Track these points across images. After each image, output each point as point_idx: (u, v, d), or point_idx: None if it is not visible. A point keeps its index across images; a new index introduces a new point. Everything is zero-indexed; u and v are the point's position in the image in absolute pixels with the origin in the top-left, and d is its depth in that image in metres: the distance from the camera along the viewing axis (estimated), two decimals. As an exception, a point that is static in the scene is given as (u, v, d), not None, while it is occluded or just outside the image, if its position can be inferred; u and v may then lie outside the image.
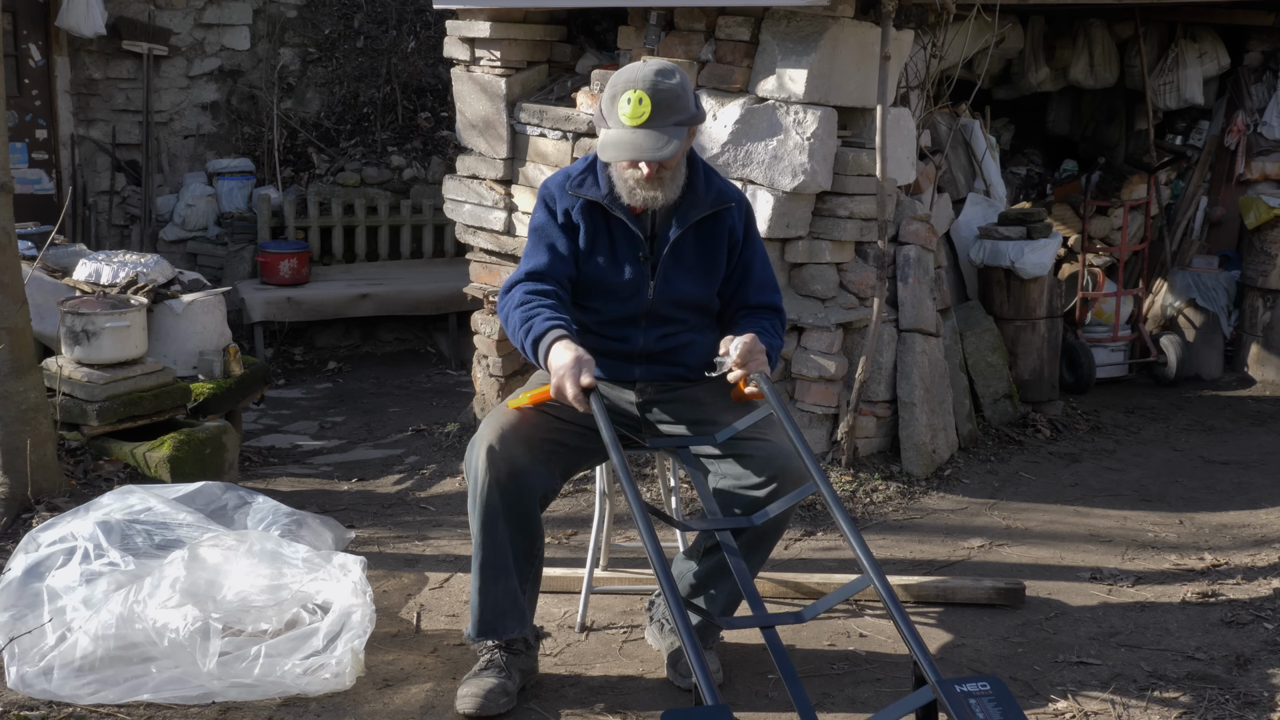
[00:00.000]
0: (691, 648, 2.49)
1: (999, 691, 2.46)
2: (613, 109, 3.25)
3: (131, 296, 5.35)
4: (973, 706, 2.42)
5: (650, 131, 3.21)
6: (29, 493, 4.46)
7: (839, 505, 2.86)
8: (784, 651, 2.68)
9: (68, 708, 3.24)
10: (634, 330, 3.41)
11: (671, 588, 2.61)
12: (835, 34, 4.93)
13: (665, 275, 3.38)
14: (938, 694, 2.48)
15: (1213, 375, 7.09)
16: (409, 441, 6.16)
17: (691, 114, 3.27)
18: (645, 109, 3.20)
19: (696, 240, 3.41)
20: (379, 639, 3.65)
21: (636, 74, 3.25)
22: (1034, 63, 7.60)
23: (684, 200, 3.37)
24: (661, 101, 3.21)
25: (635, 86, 3.22)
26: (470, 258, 6.04)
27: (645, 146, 3.20)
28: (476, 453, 3.24)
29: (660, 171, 3.26)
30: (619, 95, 3.24)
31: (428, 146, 9.25)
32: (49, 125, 8.35)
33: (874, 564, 2.73)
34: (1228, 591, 4.17)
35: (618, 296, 3.39)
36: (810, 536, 4.70)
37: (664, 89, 3.22)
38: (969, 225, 6.39)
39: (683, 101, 3.24)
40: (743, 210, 3.50)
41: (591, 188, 3.36)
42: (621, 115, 3.22)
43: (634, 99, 3.20)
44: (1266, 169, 7.24)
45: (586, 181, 3.38)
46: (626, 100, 3.21)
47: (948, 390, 5.55)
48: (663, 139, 3.21)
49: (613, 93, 3.26)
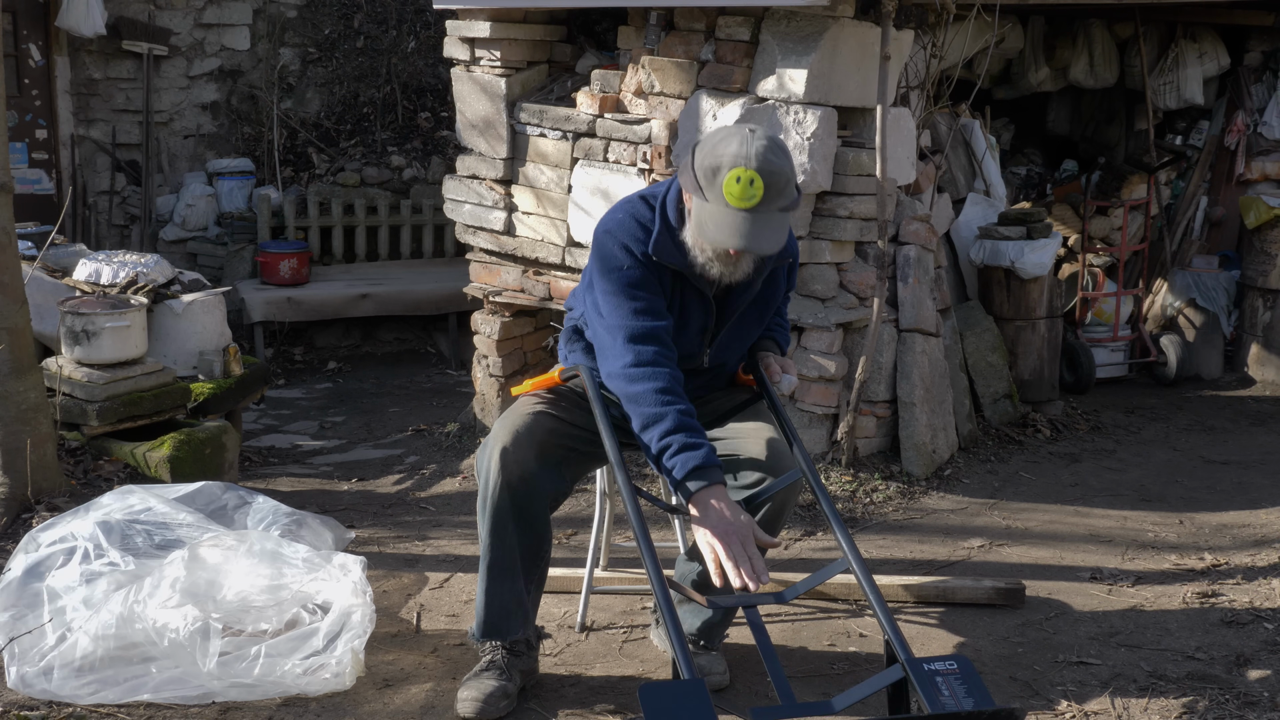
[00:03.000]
0: (672, 624, 2.60)
1: (965, 671, 2.60)
2: (713, 182, 2.94)
3: (131, 296, 5.35)
4: (939, 684, 2.53)
5: (758, 218, 2.93)
6: (29, 493, 4.46)
7: (821, 487, 2.97)
8: (763, 629, 2.82)
9: (68, 708, 3.24)
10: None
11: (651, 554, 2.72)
12: (835, 34, 4.93)
13: (721, 343, 3.32)
14: (907, 672, 2.61)
15: (1213, 375, 7.09)
16: (409, 441, 6.16)
17: (795, 198, 3.01)
18: (757, 192, 2.91)
19: (752, 302, 3.31)
20: (379, 639, 3.65)
21: (746, 149, 2.93)
22: (1034, 63, 7.60)
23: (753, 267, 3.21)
24: (773, 185, 2.93)
25: (747, 164, 2.91)
26: (470, 258, 6.04)
27: (754, 236, 2.94)
28: (489, 454, 3.21)
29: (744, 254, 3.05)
30: (724, 169, 2.93)
31: (428, 146, 9.25)
32: (49, 125, 8.35)
33: (850, 542, 2.86)
34: (1228, 591, 4.17)
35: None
36: (810, 537, 4.70)
37: (776, 171, 2.93)
38: (969, 225, 6.39)
39: (791, 185, 2.98)
40: (796, 261, 3.41)
41: (675, 255, 3.10)
42: (726, 194, 2.92)
43: (745, 178, 2.91)
44: (1266, 169, 7.24)
45: (666, 247, 3.11)
46: (736, 179, 2.91)
47: (948, 390, 5.55)
48: (772, 231, 2.96)
49: (714, 163, 2.95)
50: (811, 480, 3.06)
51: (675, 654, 2.59)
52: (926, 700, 2.52)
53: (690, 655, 2.59)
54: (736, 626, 3.60)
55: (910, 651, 2.63)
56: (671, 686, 2.54)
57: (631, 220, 3.14)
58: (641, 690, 2.47)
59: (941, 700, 2.51)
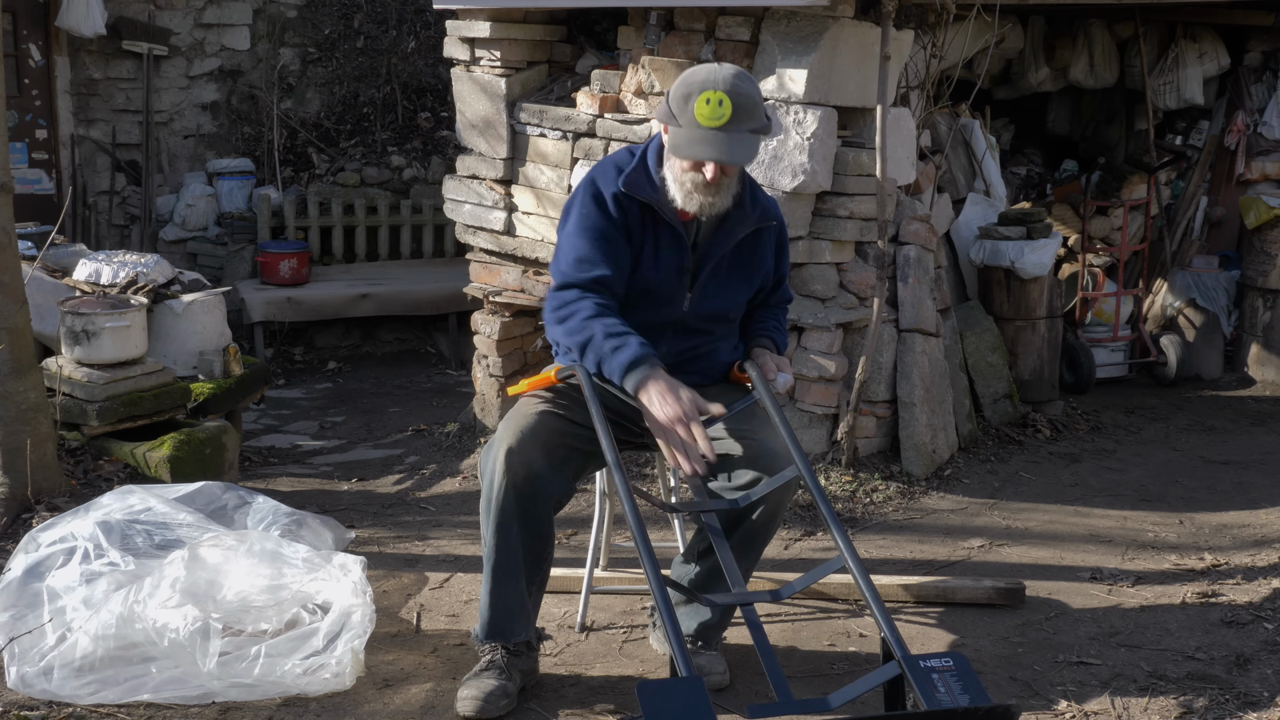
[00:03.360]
0: (669, 623, 2.62)
1: (961, 668, 2.60)
2: (685, 107, 3.13)
3: (131, 296, 5.35)
4: (935, 681, 2.53)
5: (728, 134, 3.11)
6: (29, 493, 4.46)
7: (816, 484, 3.00)
8: (760, 626, 2.84)
9: (68, 708, 3.24)
10: (660, 339, 3.35)
11: (649, 554, 2.75)
12: (835, 34, 4.93)
13: (703, 288, 3.35)
14: (903, 669, 2.61)
15: (1213, 375, 7.09)
16: (409, 441, 6.16)
17: (764, 123, 3.17)
18: (725, 111, 3.09)
19: (735, 255, 3.38)
20: (379, 639, 3.65)
21: (715, 75, 3.13)
22: (1034, 63, 7.60)
23: (731, 214, 3.32)
24: (741, 105, 3.11)
25: (714, 87, 3.10)
26: (470, 258, 6.04)
27: (723, 150, 3.11)
28: (494, 455, 3.21)
29: (722, 178, 3.19)
30: (694, 94, 3.12)
31: (428, 146, 9.25)
32: (49, 125, 8.35)
33: (845, 538, 2.88)
34: (1228, 591, 4.16)
35: (652, 304, 3.34)
36: (810, 537, 4.70)
37: (744, 93, 3.12)
38: (969, 225, 6.39)
39: (760, 109, 3.16)
40: (781, 228, 3.49)
41: (646, 188, 3.26)
42: (697, 115, 3.10)
43: (713, 100, 3.09)
44: (1266, 169, 7.24)
45: (639, 181, 3.27)
46: (705, 100, 3.09)
47: (948, 390, 5.55)
48: (739, 145, 3.12)
49: (686, 90, 3.14)
50: (808, 478, 3.05)
51: (673, 652, 2.59)
52: (922, 697, 2.52)
53: (688, 653, 2.60)
54: (736, 628, 3.60)
55: (906, 648, 2.64)
56: (669, 684, 2.55)
57: (610, 164, 3.33)
58: (639, 688, 2.48)
59: (937, 697, 2.51)
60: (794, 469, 3.14)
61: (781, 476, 3.16)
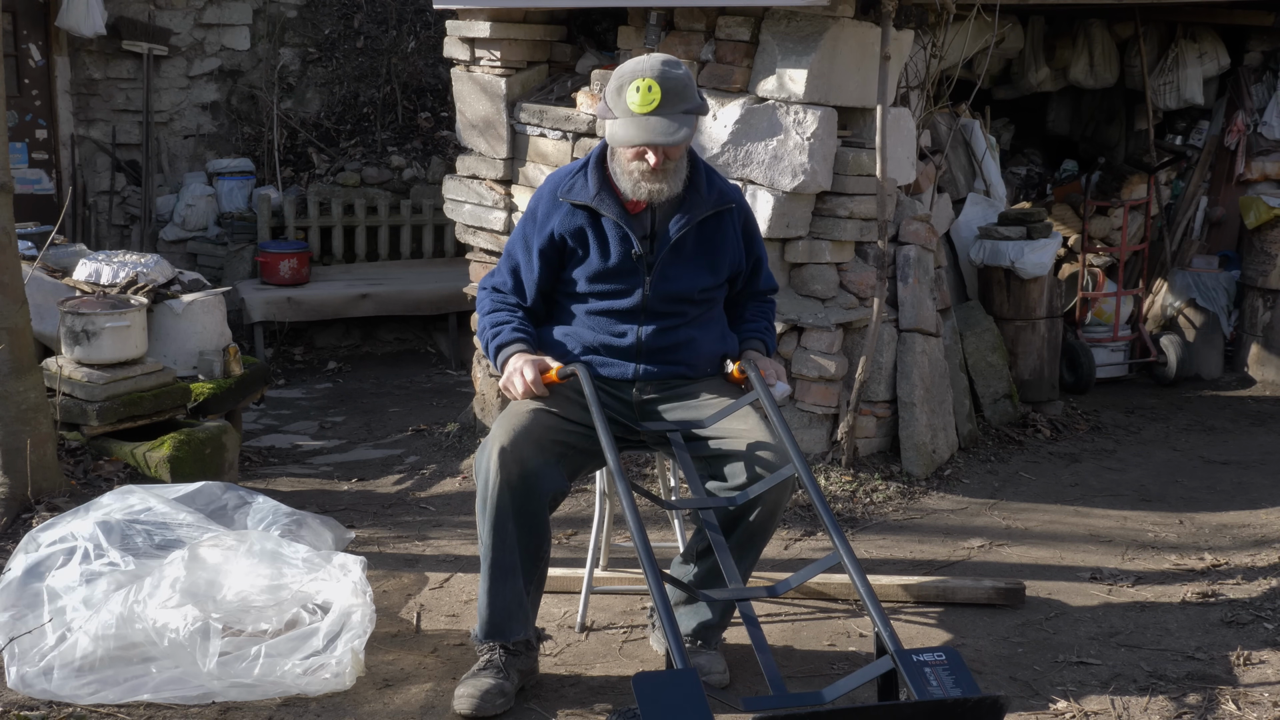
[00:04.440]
0: (667, 619, 2.64)
1: (954, 662, 2.62)
2: (619, 99, 3.26)
3: (131, 296, 5.35)
4: (928, 675, 2.56)
5: (660, 119, 3.22)
6: (29, 493, 4.46)
7: (813, 482, 3.03)
8: (755, 622, 2.88)
9: (68, 708, 3.24)
10: (632, 325, 3.42)
11: (648, 554, 2.78)
12: (835, 34, 4.93)
13: (662, 271, 3.40)
14: (896, 663, 2.63)
15: (1213, 375, 7.09)
16: (409, 441, 6.16)
17: (697, 104, 3.30)
18: (655, 96, 3.21)
19: (698, 238, 3.43)
20: (379, 639, 3.65)
21: (643, 64, 3.27)
22: (1034, 63, 7.60)
23: (686, 198, 3.39)
24: (670, 89, 3.23)
25: (643, 75, 3.23)
26: (470, 258, 6.04)
27: (657, 132, 3.22)
28: (488, 453, 3.23)
29: (666, 163, 3.28)
30: (626, 85, 3.25)
31: (428, 146, 9.25)
32: (49, 125, 8.35)
33: (840, 535, 2.89)
34: (1228, 591, 4.17)
35: (612, 292, 3.42)
36: (810, 537, 4.70)
37: (672, 77, 3.24)
38: (969, 225, 6.39)
39: (690, 91, 3.28)
40: (743, 212, 3.55)
41: (580, 191, 3.39)
42: (630, 104, 3.23)
43: (643, 87, 3.22)
44: (1266, 169, 7.24)
45: (575, 186, 3.40)
46: (635, 89, 3.22)
47: (948, 390, 5.55)
48: (673, 126, 3.23)
49: (619, 83, 3.27)
50: (804, 476, 3.05)
51: (669, 645, 2.60)
52: (914, 689, 2.54)
53: (684, 646, 2.63)
54: (736, 628, 3.60)
55: (899, 643, 2.66)
56: (665, 676, 2.57)
57: (564, 173, 3.49)
58: (635, 679, 2.50)
59: (929, 689, 2.54)
60: (791, 468, 3.14)
61: (778, 475, 3.17)
